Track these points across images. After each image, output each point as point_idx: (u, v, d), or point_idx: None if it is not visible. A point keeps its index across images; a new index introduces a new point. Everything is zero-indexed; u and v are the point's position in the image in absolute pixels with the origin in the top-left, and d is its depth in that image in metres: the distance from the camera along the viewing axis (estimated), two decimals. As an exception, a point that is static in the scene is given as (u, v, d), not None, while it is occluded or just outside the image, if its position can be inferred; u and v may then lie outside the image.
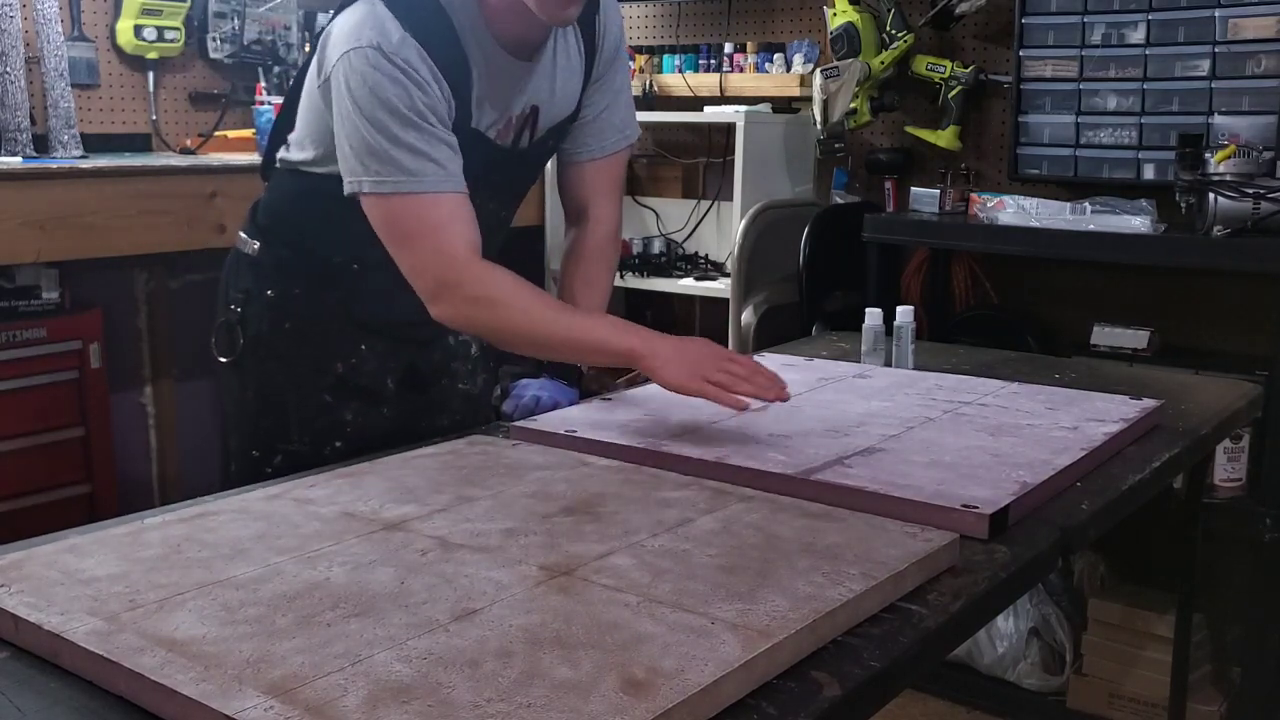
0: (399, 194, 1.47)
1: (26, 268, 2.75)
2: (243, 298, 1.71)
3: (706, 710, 0.83)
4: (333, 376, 1.68)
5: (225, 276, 1.77)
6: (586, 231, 1.79)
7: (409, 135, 1.45)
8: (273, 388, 1.70)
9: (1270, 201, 2.38)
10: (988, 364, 2.03)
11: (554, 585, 1.01)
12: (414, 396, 1.74)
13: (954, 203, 2.93)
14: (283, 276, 1.69)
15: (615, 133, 1.77)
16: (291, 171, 1.66)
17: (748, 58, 3.43)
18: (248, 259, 1.72)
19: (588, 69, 1.70)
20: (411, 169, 1.46)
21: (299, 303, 1.68)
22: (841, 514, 1.20)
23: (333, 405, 1.68)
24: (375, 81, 1.44)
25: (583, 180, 1.78)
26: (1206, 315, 2.85)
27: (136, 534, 1.14)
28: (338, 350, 1.68)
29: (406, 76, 1.44)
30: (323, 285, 1.67)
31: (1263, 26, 2.59)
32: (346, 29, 1.47)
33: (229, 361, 1.73)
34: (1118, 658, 2.67)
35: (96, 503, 2.91)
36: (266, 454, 1.68)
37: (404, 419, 1.71)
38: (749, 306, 3.11)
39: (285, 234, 1.70)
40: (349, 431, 1.68)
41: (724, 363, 1.49)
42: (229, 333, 1.72)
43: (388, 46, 1.44)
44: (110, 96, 3.18)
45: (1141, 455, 1.52)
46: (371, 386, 1.70)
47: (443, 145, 1.48)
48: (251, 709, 0.79)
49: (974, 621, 1.11)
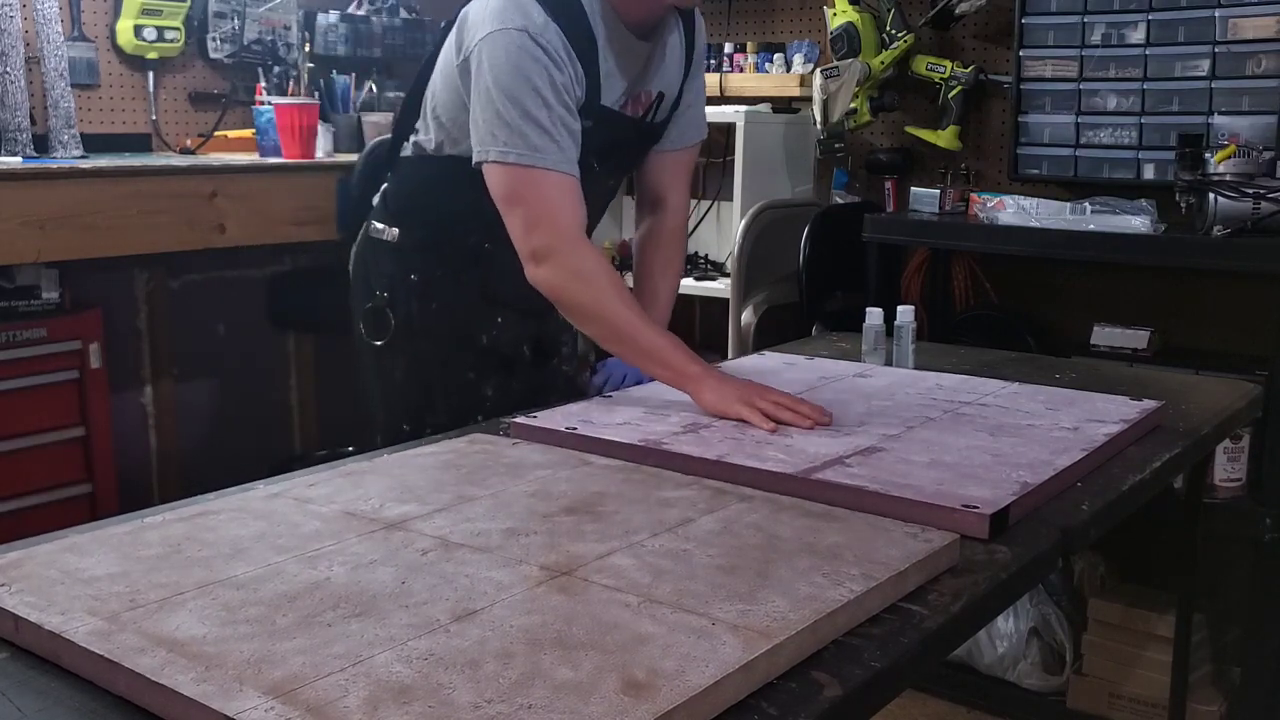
0: (521, 165, 1.58)
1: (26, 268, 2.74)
2: (388, 282, 1.84)
3: (707, 711, 0.83)
4: (475, 351, 1.83)
5: (362, 263, 1.89)
6: (664, 218, 1.94)
7: (540, 113, 1.57)
8: (422, 365, 1.84)
9: (1270, 201, 2.38)
10: (988, 364, 2.03)
11: (554, 585, 1.01)
12: (541, 364, 1.91)
13: (954, 203, 2.93)
14: (424, 260, 1.82)
15: (695, 128, 1.93)
16: (421, 158, 1.79)
17: (748, 58, 3.43)
18: (387, 245, 1.85)
19: (687, 63, 1.85)
20: (537, 144, 1.57)
21: (442, 284, 1.82)
22: (842, 514, 1.20)
23: (475, 380, 1.84)
24: (519, 60, 1.56)
25: (663, 169, 1.93)
26: (1206, 315, 2.85)
27: (137, 533, 1.14)
28: (482, 325, 1.84)
29: (548, 57, 1.56)
30: (462, 265, 1.81)
31: (1263, 26, 2.59)
32: (490, 11, 1.59)
33: (381, 344, 1.85)
34: (1118, 658, 2.67)
35: (96, 503, 2.91)
36: (416, 428, 1.78)
37: (530, 394, 1.85)
38: (749, 306, 3.11)
39: (422, 218, 1.83)
40: (488, 406, 1.82)
41: (768, 394, 1.56)
42: (378, 317, 1.84)
43: (533, 29, 1.56)
44: (110, 96, 3.18)
45: (1142, 455, 1.51)
46: (510, 357, 1.86)
47: (566, 130, 1.60)
48: (252, 709, 0.79)
49: (974, 621, 1.11)
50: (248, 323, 3.47)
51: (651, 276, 1.93)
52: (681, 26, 1.82)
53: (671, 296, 1.95)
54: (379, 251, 1.86)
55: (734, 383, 1.58)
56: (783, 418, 1.51)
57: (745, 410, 1.52)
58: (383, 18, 3.63)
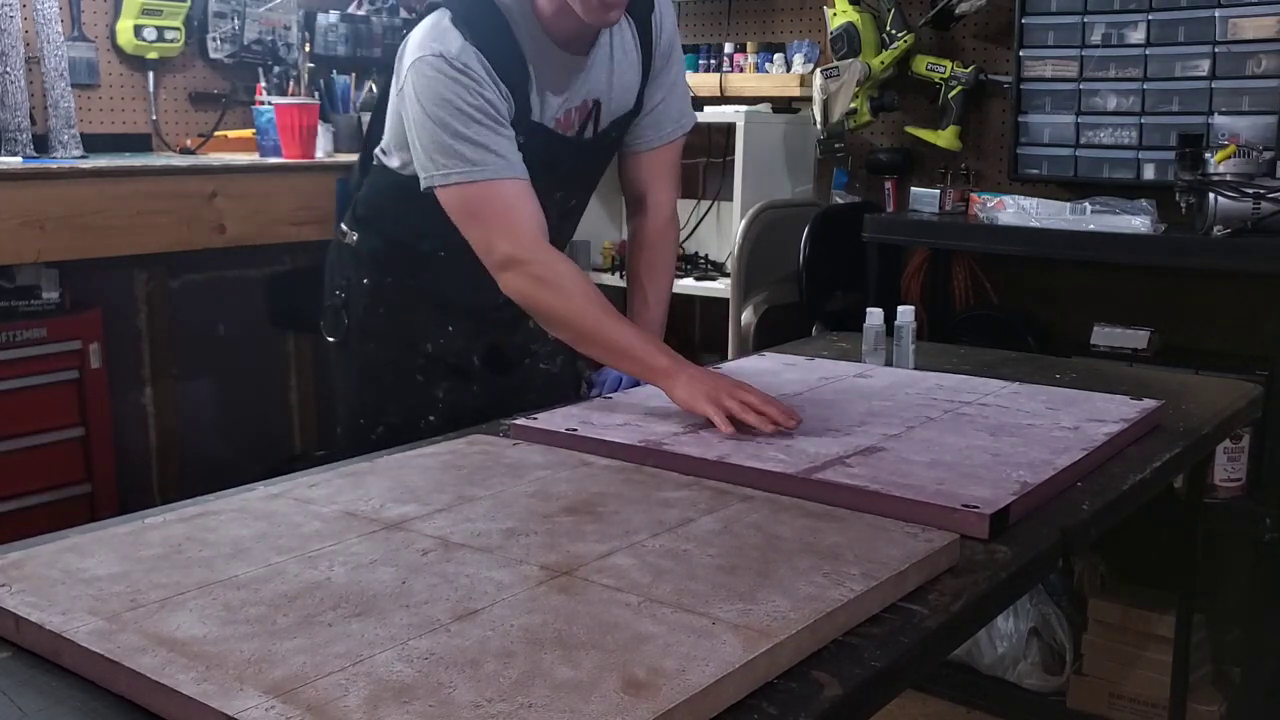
0: (466, 183, 1.61)
1: (26, 268, 2.75)
2: (345, 284, 1.89)
3: (707, 710, 0.83)
4: (423, 356, 1.86)
5: (329, 264, 1.95)
6: (647, 219, 1.92)
7: (470, 130, 1.59)
8: (372, 366, 1.88)
9: (1270, 201, 2.38)
10: (988, 364, 2.03)
11: (555, 585, 1.01)
12: (499, 375, 1.91)
13: (954, 203, 2.93)
14: (376, 265, 1.86)
15: (671, 123, 1.89)
16: (381, 169, 1.82)
17: (748, 58, 3.43)
18: (348, 249, 1.90)
19: (645, 64, 1.81)
20: (473, 159, 1.60)
21: (391, 289, 1.86)
22: (842, 514, 1.20)
23: (425, 383, 1.86)
24: (439, 84, 1.59)
25: (640, 169, 1.91)
26: (1206, 315, 2.85)
27: (137, 533, 1.14)
28: (427, 332, 1.86)
29: (466, 77, 1.59)
30: (412, 272, 1.84)
31: (1263, 26, 2.59)
32: (415, 42, 1.64)
33: (336, 341, 1.91)
34: (1118, 658, 2.67)
35: (96, 503, 2.91)
36: (370, 424, 1.86)
37: (492, 396, 1.87)
38: (749, 306, 3.11)
39: (379, 226, 1.86)
40: (441, 407, 1.85)
41: (739, 392, 1.53)
42: (335, 316, 1.90)
43: (449, 53, 1.59)
44: (110, 96, 3.18)
45: (1142, 455, 1.52)
46: (460, 365, 1.87)
47: (501, 139, 1.62)
48: (253, 709, 0.79)
49: (974, 621, 1.11)
50: (248, 323, 3.47)
51: (638, 278, 1.91)
52: (635, 28, 1.78)
53: (663, 296, 1.92)
54: (342, 253, 1.91)
55: (706, 379, 1.56)
56: (746, 420, 1.49)
57: (710, 409, 1.51)
58: (383, 18, 3.63)
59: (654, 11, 1.80)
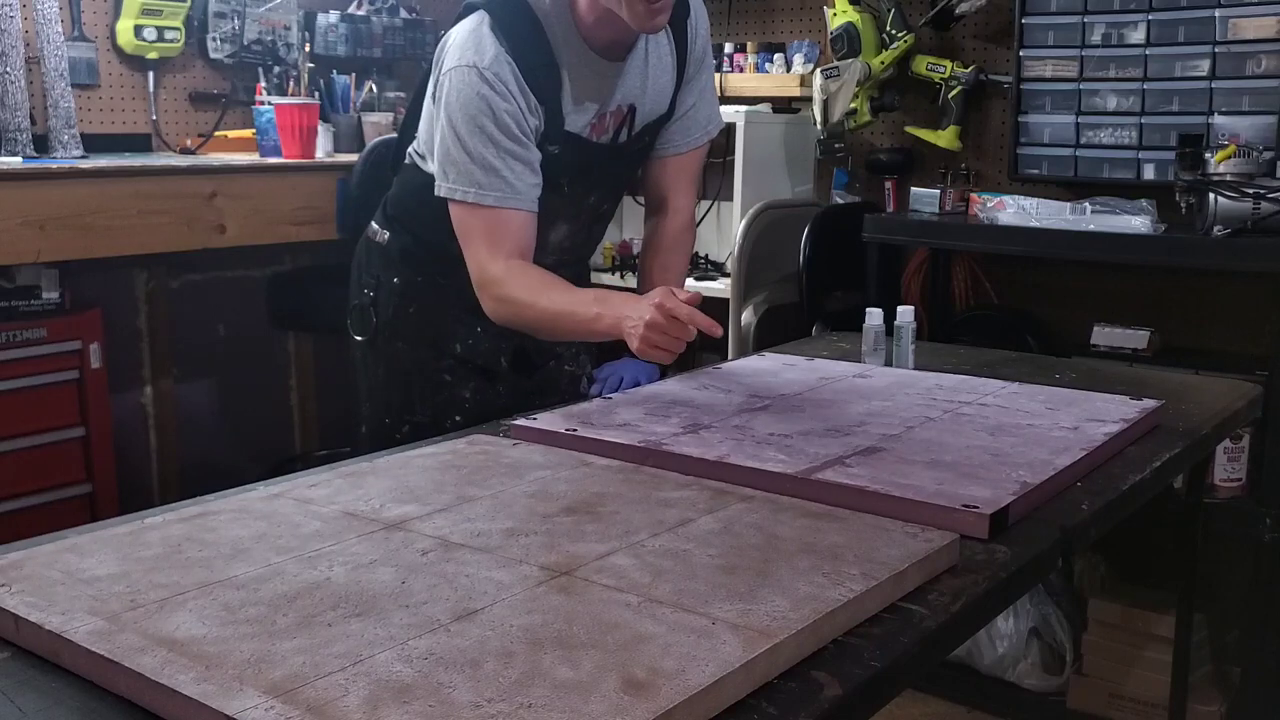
0: (466, 203, 1.66)
1: (26, 268, 2.75)
2: (374, 283, 1.90)
3: (707, 710, 0.83)
4: (451, 357, 1.87)
5: (357, 262, 1.95)
6: (665, 222, 1.95)
7: (487, 150, 1.62)
8: (399, 365, 1.89)
9: (1270, 201, 2.38)
10: (988, 364, 2.03)
11: (555, 585, 1.01)
12: (525, 376, 1.92)
13: (954, 203, 2.93)
14: (407, 265, 1.87)
15: (699, 129, 1.91)
16: (414, 168, 1.83)
17: (748, 58, 3.43)
18: (378, 247, 1.91)
19: (680, 69, 1.82)
20: (481, 181, 1.64)
21: (421, 289, 1.87)
22: (842, 514, 1.20)
23: (452, 383, 1.87)
24: (467, 99, 1.61)
25: (665, 173, 1.92)
26: (1206, 315, 2.85)
27: (137, 534, 1.14)
28: (455, 333, 1.87)
29: (496, 92, 1.61)
30: (441, 273, 1.83)
31: (1263, 26, 2.59)
32: (453, 45, 1.65)
33: (363, 340, 1.91)
34: (1118, 658, 2.67)
35: (96, 503, 2.91)
36: (396, 423, 1.88)
37: (517, 397, 1.89)
38: (749, 306, 3.11)
39: (410, 225, 1.87)
40: (467, 407, 1.86)
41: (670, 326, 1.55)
42: (362, 315, 1.91)
43: (483, 64, 1.60)
44: (110, 96, 3.18)
45: (1142, 455, 1.51)
46: (487, 366, 1.89)
47: (516, 162, 1.65)
48: (252, 709, 0.79)
49: (974, 621, 1.11)
50: (248, 323, 3.47)
51: (650, 280, 1.92)
52: (671, 34, 1.79)
53: None
54: (371, 252, 1.92)
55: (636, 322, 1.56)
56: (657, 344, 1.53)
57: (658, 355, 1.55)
58: (383, 18, 3.63)
59: (690, 16, 1.81)
